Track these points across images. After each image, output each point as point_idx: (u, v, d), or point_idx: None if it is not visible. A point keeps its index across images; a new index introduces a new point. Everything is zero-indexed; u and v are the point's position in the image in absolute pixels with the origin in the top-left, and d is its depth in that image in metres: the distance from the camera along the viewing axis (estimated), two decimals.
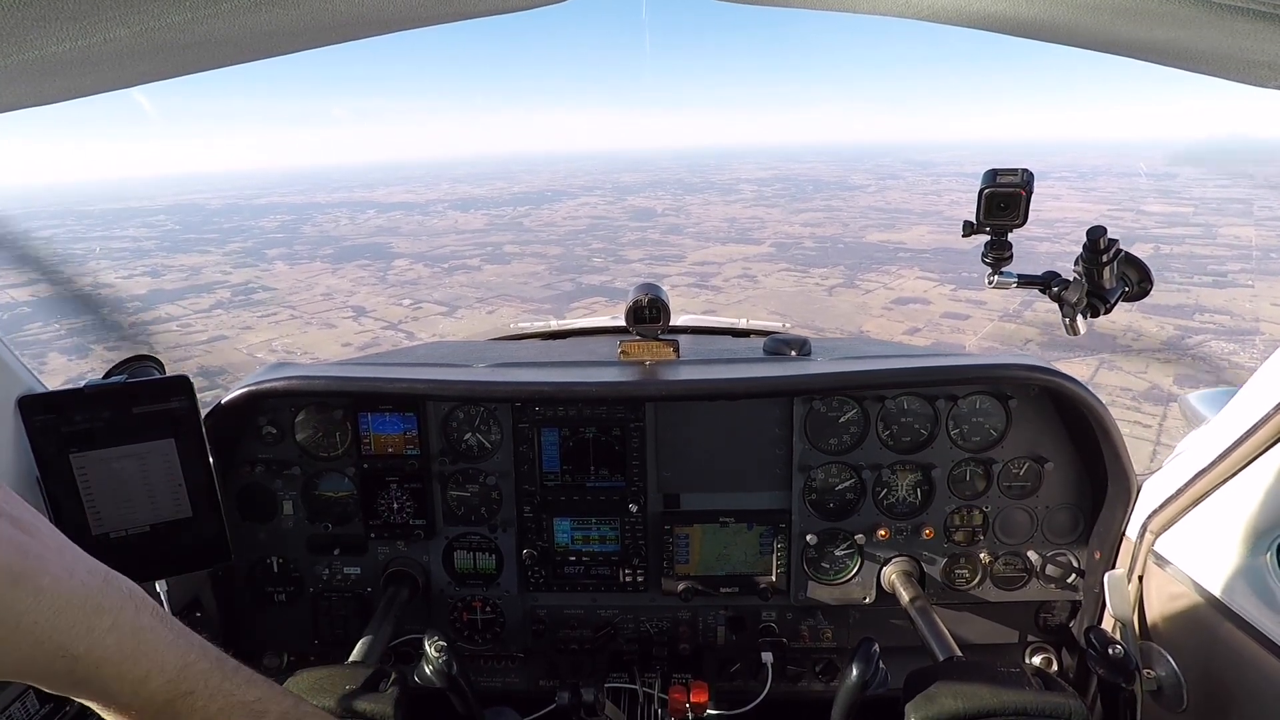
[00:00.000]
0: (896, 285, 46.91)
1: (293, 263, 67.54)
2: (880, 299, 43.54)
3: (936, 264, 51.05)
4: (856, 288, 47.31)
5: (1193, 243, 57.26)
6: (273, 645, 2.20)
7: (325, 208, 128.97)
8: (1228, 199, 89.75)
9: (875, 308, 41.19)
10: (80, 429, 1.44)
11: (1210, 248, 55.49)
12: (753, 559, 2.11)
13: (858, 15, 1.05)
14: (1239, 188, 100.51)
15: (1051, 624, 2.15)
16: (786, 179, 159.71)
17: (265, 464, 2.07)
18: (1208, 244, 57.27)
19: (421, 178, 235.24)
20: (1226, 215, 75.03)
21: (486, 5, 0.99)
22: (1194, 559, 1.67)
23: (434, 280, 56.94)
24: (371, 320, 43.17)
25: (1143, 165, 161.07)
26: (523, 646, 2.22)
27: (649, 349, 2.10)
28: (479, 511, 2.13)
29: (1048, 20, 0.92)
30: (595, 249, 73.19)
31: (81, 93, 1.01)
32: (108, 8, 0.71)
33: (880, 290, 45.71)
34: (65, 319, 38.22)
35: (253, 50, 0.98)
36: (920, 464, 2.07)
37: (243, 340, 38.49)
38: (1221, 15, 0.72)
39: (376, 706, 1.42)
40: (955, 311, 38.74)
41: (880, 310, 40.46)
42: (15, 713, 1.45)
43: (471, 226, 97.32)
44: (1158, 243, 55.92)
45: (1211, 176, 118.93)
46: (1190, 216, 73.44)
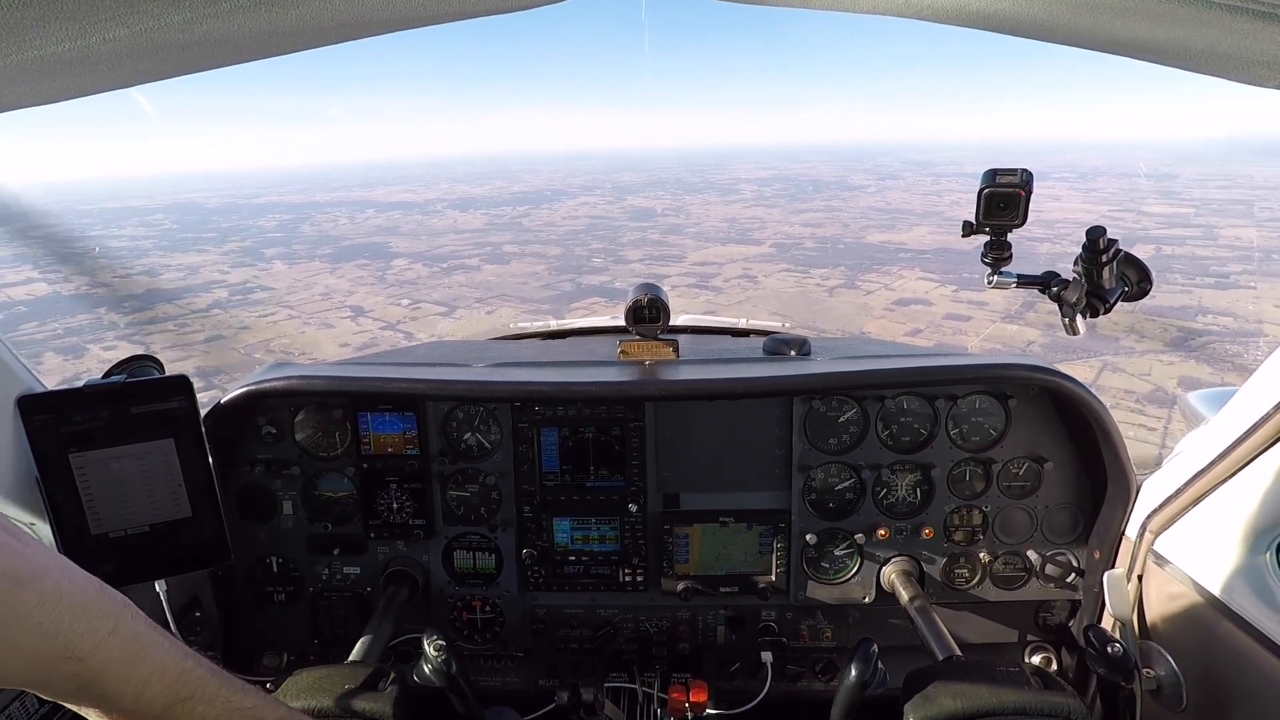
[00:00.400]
0: (898, 286, 46.75)
1: (291, 262, 67.22)
2: (881, 300, 43.41)
3: (938, 265, 50.87)
4: (857, 289, 47.14)
5: (1194, 244, 57.11)
6: (272, 645, 2.20)
7: (324, 207, 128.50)
8: (1228, 200, 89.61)
9: (877, 309, 41.04)
10: (80, 429, 1.44)
11: (1212, 249, 55.38)
12: (752, 559, 2.11)
13: (856, 15, 1.05)
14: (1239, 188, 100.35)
15: (1051, 623, 2.15)
16: (786, 179, 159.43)
17: (265, 464, 2.07)
18: (1209, 245, 57.16)
19: (420, 177, 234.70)
20: (1227, 216, 74.89)
21: (486, 5, 0.99)
22: (1193, 558, 1.67)
23: (433, 280, 56.73)
24: (370, 320, 42.99)
25: (1142, 165, 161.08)
26: (522, 646, 2.22)
27: (648, 349, 2.10)
28: (479, 511, 2.13)
29: (1047, 19, 0.92)
30: (595, 249, 72.98)
31: (81, 92, 1.01)
32: (107, 8, 0.71)
33: (881, 291, 45.60)
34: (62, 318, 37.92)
35: (252, 50, 0.98)
36: (920, 464, 2.07)
37: (240, 340, 38.35)
38: (1220, 15, 0.72)
39: (376, 706, 1.42)
40: (957, 313, 38.65)
41: (882, 311, 40.32)
42: (15, 712, 1.45)
43: (470, 226, 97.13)
44: (1159, 244, 55.76)
45: (1212, 177, 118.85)
46: (1191, 217, 73.31)
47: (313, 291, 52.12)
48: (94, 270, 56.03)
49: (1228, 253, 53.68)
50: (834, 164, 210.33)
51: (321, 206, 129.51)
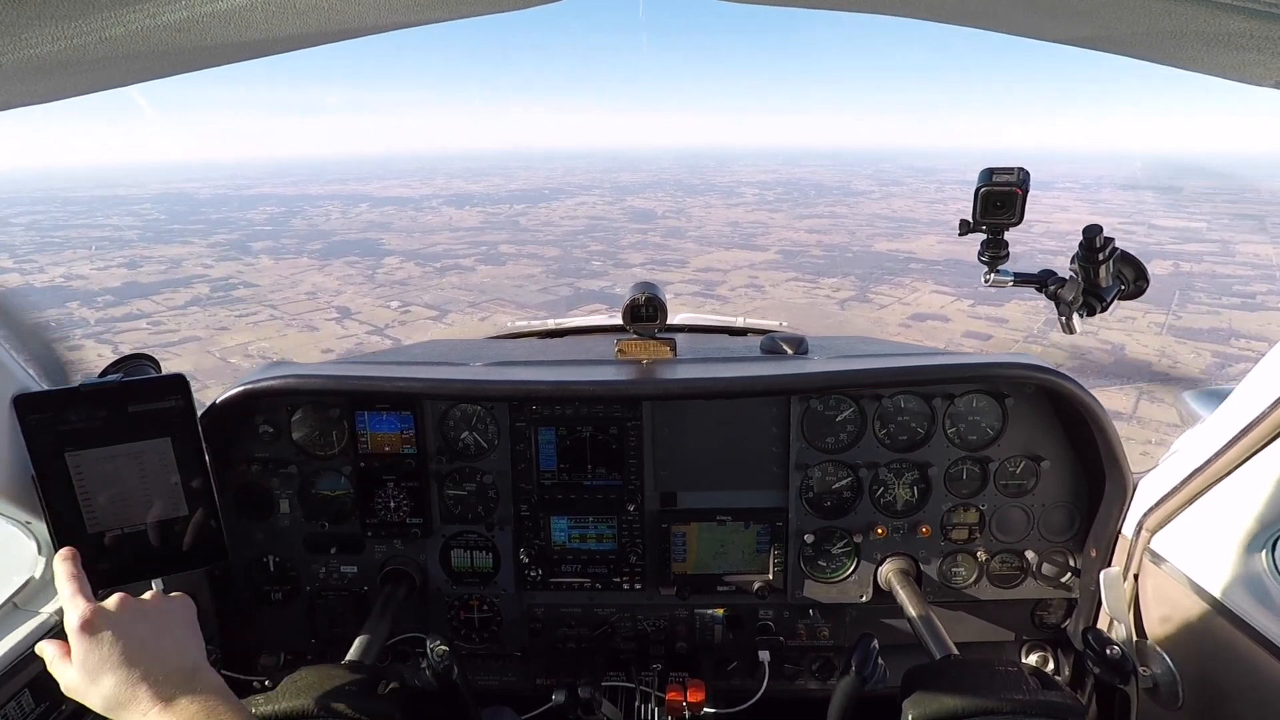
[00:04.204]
0: (912, 300, 45.44)
1: (278, 257, 65.81)
2: (896, 314, 42.12)
3: (950, 276, 49.58)
4: (870, 301, 45.83)
5: (1212, 260, 55.96)
6: (269, 644, 2.19)
7: (317, 200, 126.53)
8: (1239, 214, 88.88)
9: (892, 324, 39.73)
10: (76, 428, 1.44)
11: (1231, 266, 54.18)
12: (750, 558, 2.11)
13: (854, 19, 1.05)
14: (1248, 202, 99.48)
15: (1048, 622, 2.16)
16: (788, 183, 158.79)
17: (262, 463, 2.06)
18: (1228, 262, 55.92)
19: (417, 171, 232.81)
20: (1241, 231, 73.87)
21: (484, 5, 0.99)
22: (1190, 557, 1.68)
23: (425, 281, 55.54)
24: (356, 323, 41.58)
25: (1139, 165, 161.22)
26: (520, 645, 2.22)
27: (646, 348, 2.10)
28: (476, 510, 2.13)
29: (1044, 19, 0.92)
30: (594, 251, 72.14)
31: (76, 91, 1.00)
32: (103, 8, 0.70)
33: (896, 305, 44.24)
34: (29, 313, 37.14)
35: (250, 50, 0.98)
36: (917, 462, 2.07)
37: (216, 343, 36.75)
38: (1217, 13, 0.72)
39: (375, 706, 1.42)
40: (977, 330, 37.35)
41: (897, 327, 38.91)
42: (11, 712, 1.45)
43: (466, 224, 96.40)
44: (1176, 259, 54.80)
45: (1219, 190, 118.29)
46: (1204, 232, 72.39)
47: (299, 290, 50.57)
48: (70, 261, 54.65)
49: (1249, 270, 52.60)
50: (835, 168, 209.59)
51: (314, 199, 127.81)
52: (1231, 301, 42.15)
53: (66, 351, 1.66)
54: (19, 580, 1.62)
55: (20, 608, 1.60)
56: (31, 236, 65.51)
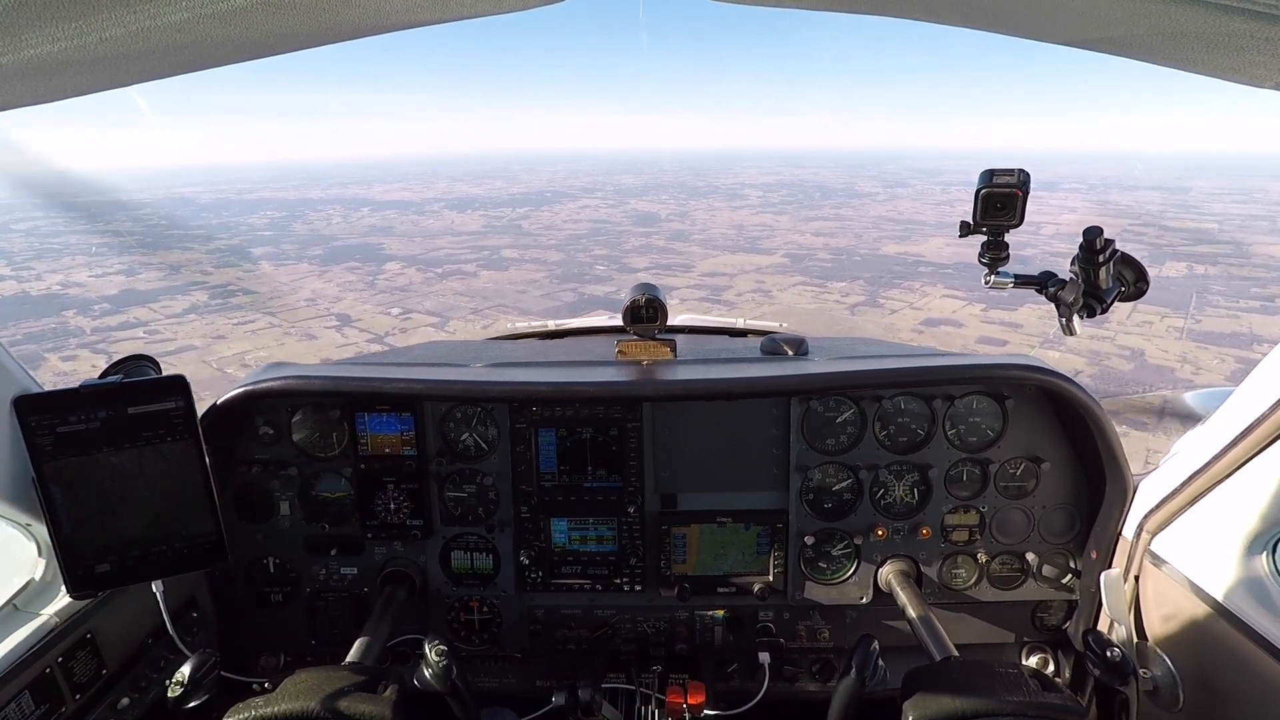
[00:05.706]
0: (923, 305, 44.53)
1: (278, 263, 65.11)
2: (908, 320, 41.23)
3: (961, 280, 48.49)
4: (880, 306, 44.99)
5: (1227, 262, 54.96)
6: (269, 645, 2.19)
7: (318, 204, 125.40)
8: (1249, 215, 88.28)
9: (904, 329, 38.88)
10: (76, 429, 1.44)
11: (1248, 268, 53.29)
12: (750, 559, 2.11)
13: (853, 21, 1.05)
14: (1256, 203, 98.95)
15: (1048, 624, 2.15)
16: (792, 185, 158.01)
17: (262, 464, 2.06)
18: (1244, 264, 54.99)
19: (419, 174, 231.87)
20: (1253, 232, 73.10)
21: (484, 6, 0.99)
22: (1190, 559, 1.67)
23: (426, 286, 54.86)
24: (356, 331, 40.85)
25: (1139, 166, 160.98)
26: (520, 647, 2.22)
27: (646, 349, 2.10)
28: (476, 512, 2.13)
29: (1043, 19, 0.92)
30: (597, 255, 71.52)
31: (77, 92, 1.01)
32: (104, 8, 0.71)
33: (907, 310, 43.40)
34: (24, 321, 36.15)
35: (250, 50, 0.98)
36: (917, 464, 2.07)
37: (213, 352, 36.00)
38: (1218, 15, 0.72)
39: (375, 708, 1.42)
40: (991, 336, 36.39)
41: (910, 333, 37.95)
42: (11, 714, 1.45)
43: (468, 228, 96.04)
44: (1190, 261, 53.91)
45: (1227, 191, 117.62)
46: (1216, 233, 71.54)
47: (298, 296, 49.61)
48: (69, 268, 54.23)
49: (1265, 273, 51.71)
50: (838, 170, 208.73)
51: (315, 204, 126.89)
52: (1250, 305, 41.46)
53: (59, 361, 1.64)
54: (19, 582, 1.62)
55: (20, 610, 1.60)
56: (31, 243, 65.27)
